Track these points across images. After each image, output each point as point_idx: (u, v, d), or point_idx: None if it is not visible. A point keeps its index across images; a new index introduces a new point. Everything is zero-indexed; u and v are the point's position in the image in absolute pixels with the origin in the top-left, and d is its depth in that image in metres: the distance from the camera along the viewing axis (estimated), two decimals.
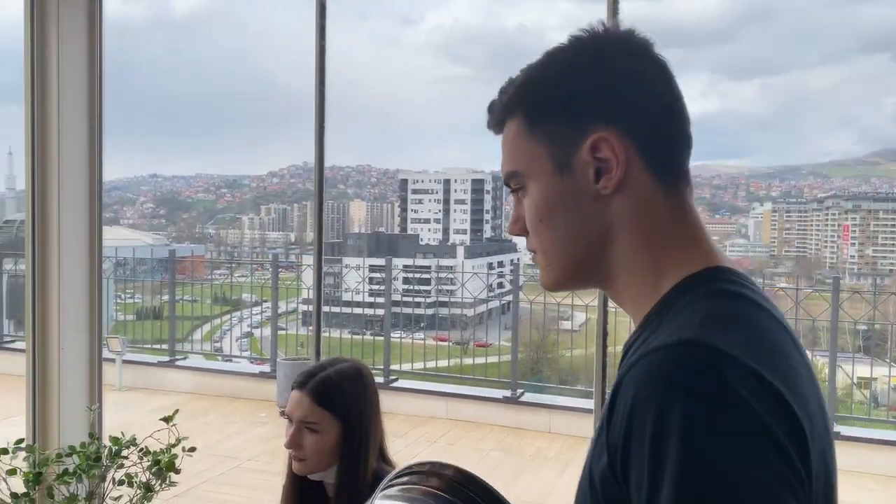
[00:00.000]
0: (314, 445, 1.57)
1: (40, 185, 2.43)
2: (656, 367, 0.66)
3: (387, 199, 42.27)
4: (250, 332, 14.40)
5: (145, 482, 2.14)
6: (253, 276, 11.32)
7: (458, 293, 8.98)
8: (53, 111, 2.41)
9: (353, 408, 1.59)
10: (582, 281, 0.83)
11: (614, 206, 0.78)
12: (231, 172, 39.02)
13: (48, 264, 2.43)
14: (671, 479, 0.61)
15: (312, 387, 1.59)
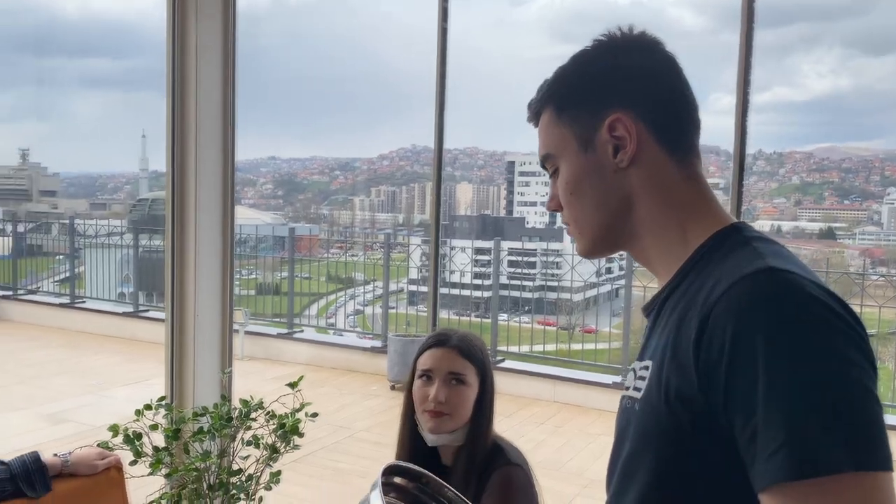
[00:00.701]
0: (459, 398, 1.62)
1: (179, 167, 2.63)
2: (748, 292, 0.75)
3: (493, 181, 42.27)
4: (360, 310, 14.87)
5: (271, 444, 2.30)
6: (365, 256, 11.64)
7: (565, 277, 8.92)
8: (191, 97, 2.59)
9: (486, 366, 1.67)
10: (611, 244, 0.95)
11: (632, 177, 0.90)
12: (344, 155, 40.06)
13: (186, 240, 2.63)
14: (790, 377, 0.70)
15: (456, 342, 1.66)
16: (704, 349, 0.76)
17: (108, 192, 48.89)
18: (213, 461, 2.24)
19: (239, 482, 2.27)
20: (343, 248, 12.64)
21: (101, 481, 2.00)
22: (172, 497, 2.22)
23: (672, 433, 0.80)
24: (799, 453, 0.69)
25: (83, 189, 48.40)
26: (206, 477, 2.25)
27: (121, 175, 48.72)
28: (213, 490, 2.25)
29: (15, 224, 11.61)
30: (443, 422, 1.63)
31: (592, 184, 0.92)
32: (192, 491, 2.22)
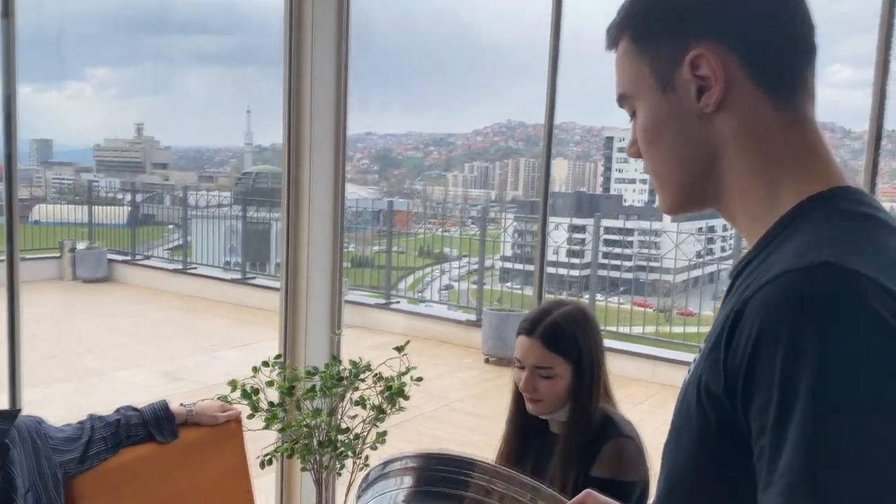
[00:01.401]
0: (549, 389, 1.62)
1: (295, 141, 2.73)
2: (784, 291, 0.63)
3: (590, 157, 41.43)
4: (451, 285, 15.05)
5: (378, 405, 2.38)
6: (458, 231, 11.71)
7: (667, 257, 8.70)
8: (307, 72, 2.68)
9: (582, 350, 1.62)
10: (695, 203, 0.82)
11: (719, 125, 0.75)
12: (439, 131, 40.27)
13: (300, 210, 2.74)
14: (807, 400, 0.59)
15: (542, 332, 1.63)
16: (732, 349, 0.66)
17: (215, 165, 51.15)
18: (323, 419, 2.34)
19: (347, 440, 2.37)
20: (436, 223, 12.76)
21: (221, 432, 2.14)
22: (286, 451, 2.34)
23: (698, 429, 0.71)
24: (796, 495, 0.58)
25: (192, 162, 50.80)
26: (316, 433, 2.36)
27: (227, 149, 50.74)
28: (323, 447, 2.35)
29: (134, 194, 12.38)
30: (537, 406, 1.66)
31: (673, 131, 0.78)
32: (303, 446, 2.34)
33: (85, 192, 12.90)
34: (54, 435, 1.76)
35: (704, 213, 0.87)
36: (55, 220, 13.05)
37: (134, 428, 1.96)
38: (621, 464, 1.57)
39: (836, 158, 0.77)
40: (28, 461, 1.63)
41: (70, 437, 1.81)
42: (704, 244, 15.48)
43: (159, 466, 2.00)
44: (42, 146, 48.10)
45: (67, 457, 1.76)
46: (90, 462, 1.83)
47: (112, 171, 52.39)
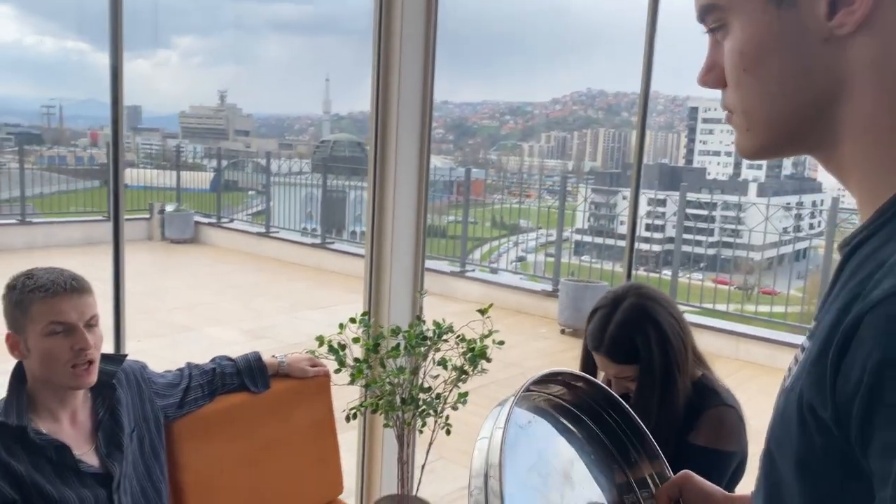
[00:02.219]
0: (631, 389, 1.64)
1: (382, 110, 2.75)
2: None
3: (673, 128, 40.15)
4: (524, 256, 14.98)
5: (459, 366, 2.40)
6: (534, 203, 11.61)
7: (746, 234, 8.39)
8: (396, 40, 2.68)
9: (653, 347, 1.59)
10: (791, 147, 0.66)
11: (854, 51, 0.58)
12: (516, 99, 39.89)
13: (386, 175, 2.77)
14: None
15: (606, 350, 1.64)
16: (843, 371, 0.54)
17: (294, 133, 52.20)
18: (406, 377, 2.38)
19: (429, 399, 2.41)
20: (512, 194, 12.67)
21: (310, 385, 2.21)
22: (371, 406, 2.39)
23: (799, 451, 0.59)
24: None
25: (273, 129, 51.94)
26: (399, 391, 2.41)
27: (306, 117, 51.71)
28: (406, 404, 2.40)
29: (220, 160, 12.78)
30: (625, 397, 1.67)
31: (784, 58, 0.61)
32: (386, 402, 2.39)
33: (172, 157, 13.39)
34: (157, 380, 1.86)
35: (790, 186, 0.76)
36: (144, 184, 13.65)
37: (229, 377, 2.04)
38: (721, 433, 1.54)
39: None
40: (133, 402, 1.72)
41: (171, 383, 1.90)
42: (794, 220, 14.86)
43: (251, 415, 2.08)
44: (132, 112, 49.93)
45: (168, 401, 1.86)
46: (188, 407, 1.92)
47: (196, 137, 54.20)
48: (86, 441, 1.58)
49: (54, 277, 1.52)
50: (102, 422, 1.61)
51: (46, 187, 12.68)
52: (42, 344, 1.49)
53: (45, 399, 1.54)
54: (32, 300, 1.49)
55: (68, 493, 1.49)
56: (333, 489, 2.29)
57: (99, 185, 12.55)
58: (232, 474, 2.05)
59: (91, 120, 37.92)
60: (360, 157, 15.22)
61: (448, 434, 2.45)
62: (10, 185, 10.76)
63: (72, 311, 1.50)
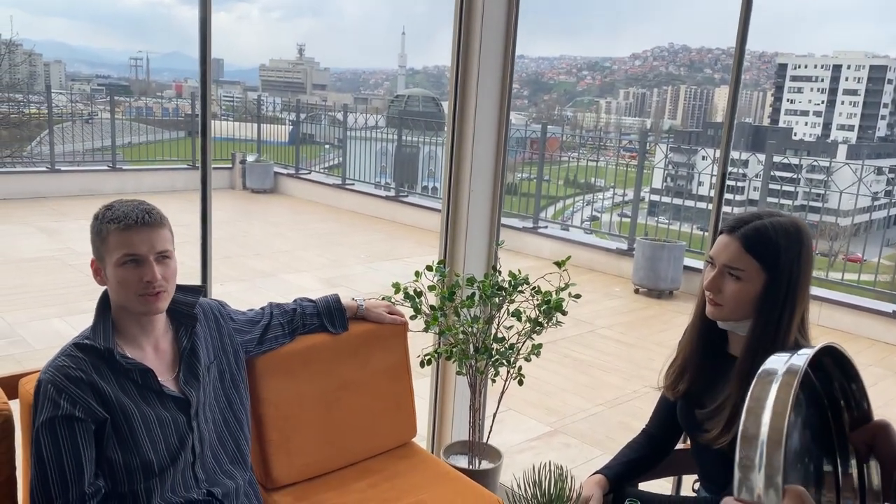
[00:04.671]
0: (734, 293, 1.52)
1: (463, 65, 2.72)
2: None
3: (759, 86, 38.26)
4: (597, 216, 14.69)
5: (534, 318, 2.41)
6: (614, 161, 11.36)
7: (835, 199, 7.97)
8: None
9: (783, 263, 1.49)
10: None
11: None
12: (594, 54, 38.81)
13: (465, 129, 2.76)
14: None
15: (744, 232, 1.51)
16: None
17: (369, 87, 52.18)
18: (480, 326, 2.41)
19: (502, 349, 2.43)
20: (588, 150, 12.39)
21: (388, 330, 2.26)
22: (445, 352, 2.43)
23: None
24: None
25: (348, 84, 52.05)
26: (472, 340, 2.43)
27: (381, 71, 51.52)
28: (479, 353, 2.43)
29: (298, 113, 12.97)
30: (717, 310, 1.56)
31: None
32: (460, 350, 2.42)
33: (253, 109, 13.66)
34: (236, 317, 1.93)
35: (883, 149, 0.73)
36: (226, 135, 14.00)
37: (309, 318, 2.10)
38: None
39: None
40: (212, 336, 1.79)
41: (251, 319, 1.97)
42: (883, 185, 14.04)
43: (330, 355, 2.15)
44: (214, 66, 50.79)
45: (247, 336, 1.93)
46: (269, 344, 1.99)
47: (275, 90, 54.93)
48: (167, 369, 1.66)
49: (129, 210, 1.56)
50: (184, 352, 1.69)
51: (135, 137, 13.20)
52: (116, 273, 1.55)
53: (128, 326, 1.61)
54: (109, 230, 1.55)
55: (150, 413, 1.57)
56: (407, 432, 2.35)
57: (184, 135, 12.93)
58: (311, 411, 2.13)
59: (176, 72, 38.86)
60: (434, 113, 15.15)
61: (521, 384, 2.48)
62: (102, 134, 11.24)
63: (142, 244, 1.54)
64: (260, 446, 2.03)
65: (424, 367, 2.43)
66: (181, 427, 1.62)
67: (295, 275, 6.46)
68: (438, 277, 2.48)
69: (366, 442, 2.26)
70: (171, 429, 1.60)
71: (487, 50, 2.71)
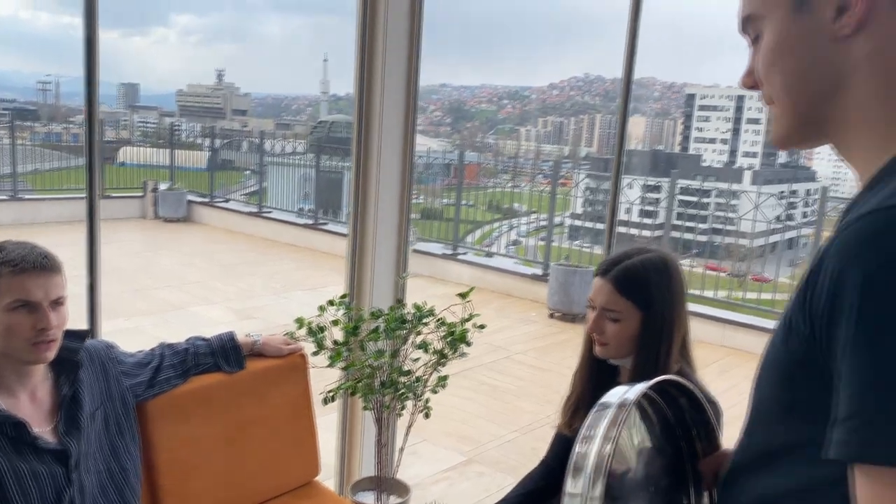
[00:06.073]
0: (615, 333, 1.58)
1: (367, 90, 2.72)
2: (864, 231, 0.62)
3: (669, 114, 40.01)
4: (519, 240, 14.97)
5: (440, 350, 2.40)
6: (531, 187, 11.57)
7: (744, 219, 8.37)
8: (380, 20, 2.65)
9: (656, 299, 1.55)
10: (811, 133, 0.77)
11: (854, 49, 0.71)
12: (514, 83, 39.78)
13: (370, 158, 2.75)
14: (872, 340, 0.59)
15: (615, 275, 1.58)
16: (816, 291, 0.65)
17: (291, 113, 51.81)
18: (385, 360, 2.38)
19: (408, 382, 2.40)
20: (507, 177, 12.60)
21: (286, 365, 2.20)
22: (349, 388, 2.39)
23: (782, 367, 0.71)
24: (863, 432, 0.59)
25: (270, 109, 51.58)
26: (378, 374, 2.40)
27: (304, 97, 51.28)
28: (385, 387, 2.39)
29: (212, 139, 12.70)
30: (603, 350, 1.62)
31: (800, 53, 0.74)
32: (365, 385, 2.38)
33: (167, 135, 13.31)
34: (124, 360, 1.84)
35: (786, 175, 0.81)
36: (140, 161, 13.57)
37: (202, 357, 2.02)
38: None
39: None
40: (97, 381, 1.71)
41: (140, 362, 1.89)
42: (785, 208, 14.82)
43: (227, 395, 2.07)
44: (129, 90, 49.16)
45: (137, 380, 1.84)
46: (159, 387, 1.91)
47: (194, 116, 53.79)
48: (45, 419, 1.57)
49: (25, 253, 1.49)
50: (64, 400, 1.60)
51: (42, 164, 12.60)
52: (5, 318, 1.47)
53: (4, 374, 1.52)
54: (1, 273, 1.47)
55: (24, 468, 1.48)
56: (310, 471, 2.29)
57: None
58: (207, 455, 2.04)
59: None
60: None
61: (427, 417, 2.45)
62: (1, 160, 10.69)
63: (38, 289, 1.48)
64: (153, 494, 1.94)
65: (328, 404, 2.37)
66: (59, 480, 1.52)
67: (206, 307, 6.26)
68: (343, 311, 2.44)
69: (267, 482, 2.18)
70: (48, 483, 1.51)
71: (391, 77, 2.71)
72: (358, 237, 2.78)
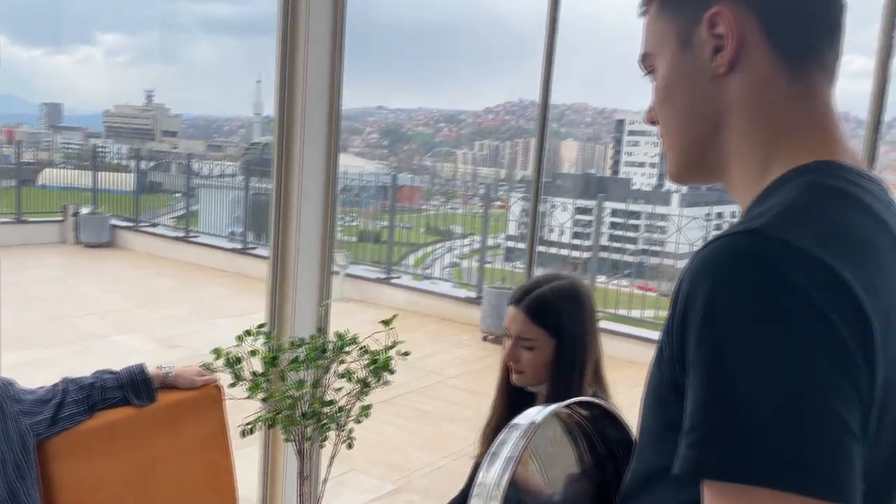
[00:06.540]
0: (530, 361, 1.60)
1: (287, 111, 2.67)
2: (715, 253, 0.64)
3: (600, 139, 41.14)
4: (456, 262, 15.04)
5: (363, 378, 2.35)
6: (464, 209, 11.65)
7: (669, 242, 8.63)
8: (301, 42, 2.62)
9: (567, 326, 1.58)
10: (699, 169, 0.80)
11: (730, 87, 0.74)
12: (450, 107, 40.22)
13: (290, 182, 2.69)
14: (707, 356, 0.61)
15: (528, 304, 1.60)
16: (675, 313, 0.66)
17: (224, 134, 51.11)
18: (307, 390, 2.31)
19: (331, 413, 2.34)
20: (444, 200, 12.67)
21: (201, 398, 2.11)
22: (267, 420, 2.31)
23: (656, 392, 0.72)
24: (699, 448, 0.60)
25: (201, 131, 50.80)
26: (299, 405, 2.33)
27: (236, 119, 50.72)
28: (306, 418, 2.32)
29: (137, 161, 12.34)
30: (520, 377, 1.65)
31: (685, 90, 0.77)
32: (285, 417, 2.31)
33: (91, 157, 12.87)
34: (24, 397, 1.74)
35: (711, 198, 0.83)
36: (62, 184, 13.06)
37: (109, 391, 1.93)
38: None
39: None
40: None
41: (41, 399, 1.78)
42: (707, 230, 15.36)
43: (136, 430, 1.97)
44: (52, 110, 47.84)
45: (37, 418, 1.74)
46: (62, 424, 1.80)
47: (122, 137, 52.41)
48: None
49: None
50: None
51: None
52: None
53: None
54: None
55: None
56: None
57: (14, 184, 11.94)
58: (114, 494, 1.94)
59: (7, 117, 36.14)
60: None
61: (350, 448, 2.39)
62: None
63: None
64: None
65: (245, 437, 2.29)
66: None
67: (128, 335, 6.02)
68: (263, 341, 2.37)
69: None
70: None
71: (312, 95, 2.67)
72: (279, 263, 2.72)
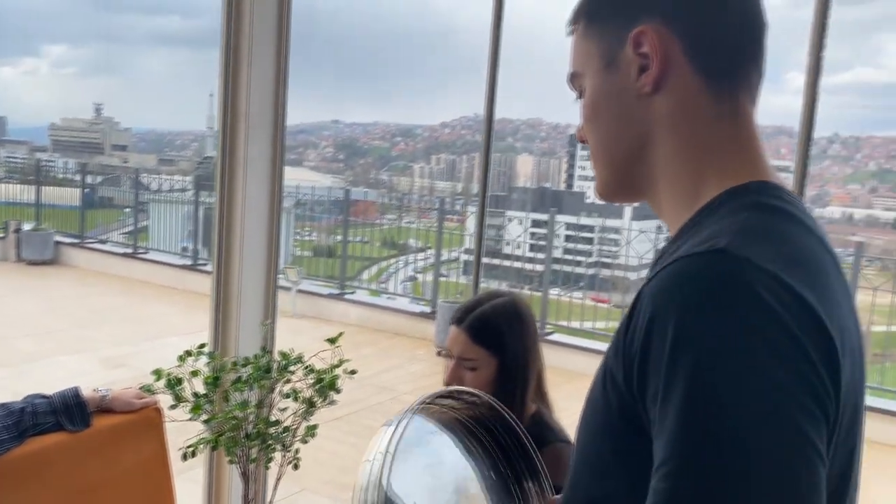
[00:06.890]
0: (472, 381, 1.57)
1: (231, 125, 2.63)
2: (679, 274, 0.63)
3: (555, 154, 41.62)
4: (414, 277, 15.01)
5: (308, 398, 2.31)
6: (420, 223, 11.64)
7: (622, 255, 8.76)
8: (245, 57, 2.58)
9: (507, 344, 1.57)
10: (627, 188, 0.80)
11: (656, 107, 0.74)
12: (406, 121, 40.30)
13: (234, 196, 2.65)
14: (684, 383, 0.59)
15: (469, 323, 1.59)
16: (629, 337, 0.65)
17: (175, 148, 50.24)
18: (251, 411, 2.26)
19: (276, 433, 2.29)
20: (399, 214, 12.64)
21: (139, 421, 2.05)
22: (210, 442, 2.25)
23: (602, 417, 0.70)
24: (673, 480, 0.58)
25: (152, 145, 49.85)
26: (244, 426, 2.28)
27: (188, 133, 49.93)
28: (251, 439, 2.27)
29: (84, 176, 12.03)
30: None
31: (611, 110, 0.77)
32: (228, 438, 2.25)
33: (34, 171, 12.51)
34: None
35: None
36: (4, 199, 12.64)
37: (41, 416, 1.85)
38: (559, 469, 1.53)
39: (792, 163, 0.79)
40: None
41: None
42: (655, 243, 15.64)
43: (70, 457, 1.90)
44: None
45: None
46: None
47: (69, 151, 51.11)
48: None
49: None
50: None
51: None
52: None
53: None
54: None
55: None
56: None
57: None
58: None
59: None
60: None
61: (296, 468, 2.35)
62: None
63: None
64: None
65: (187, 461, 2.22)
66: None
67: (71, 356, 5.83)
68: (206, 361, 2.31)
69: None
70: None
71: (256, 108, 2.63)
72: (222, 280, 2.67)
